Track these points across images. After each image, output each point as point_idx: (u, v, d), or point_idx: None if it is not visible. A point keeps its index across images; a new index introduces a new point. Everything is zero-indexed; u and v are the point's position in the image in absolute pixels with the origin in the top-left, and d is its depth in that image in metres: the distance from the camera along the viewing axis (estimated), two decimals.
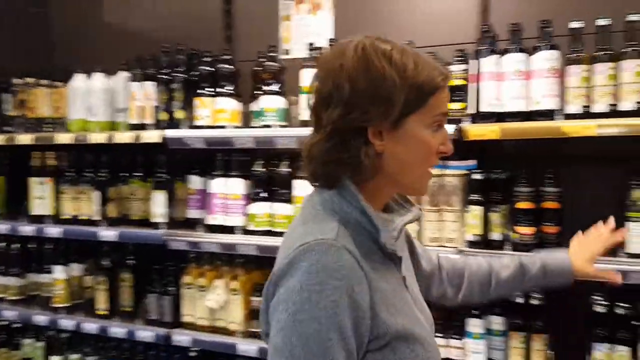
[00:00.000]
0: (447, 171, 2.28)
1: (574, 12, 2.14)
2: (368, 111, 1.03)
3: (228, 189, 2.62)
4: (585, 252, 1.52)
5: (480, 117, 2.15)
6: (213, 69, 2.67)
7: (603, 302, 2.06)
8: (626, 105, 1.97)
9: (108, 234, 2.78)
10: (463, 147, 2.21)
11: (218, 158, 2.68)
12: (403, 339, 1.01)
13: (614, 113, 1.99)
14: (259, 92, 2.62)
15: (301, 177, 2.50)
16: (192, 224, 2.75)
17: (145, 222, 2.80)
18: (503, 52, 2.15)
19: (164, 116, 2.70)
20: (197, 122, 2.65)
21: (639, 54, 1.96)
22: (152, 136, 2.62)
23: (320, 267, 0.95)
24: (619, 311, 2.04)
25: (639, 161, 2.07)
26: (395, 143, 1.07)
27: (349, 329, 0.94)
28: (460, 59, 2.27)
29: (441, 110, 1.09)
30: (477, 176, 2.22)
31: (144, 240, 2.73)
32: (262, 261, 2.72)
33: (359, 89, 1.03)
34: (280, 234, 2.53)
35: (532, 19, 2.14)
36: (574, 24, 2.05)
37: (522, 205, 2.13)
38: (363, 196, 1.07)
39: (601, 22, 2.02)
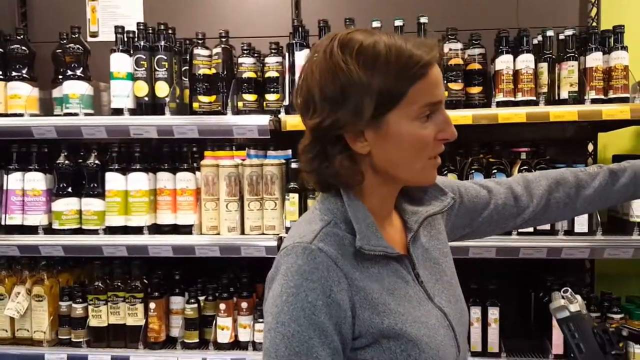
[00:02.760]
0: (266, 161, 2.33)
1: (375, 11, 2.33)
2: (338, 118, 0.97)
3: (26, 184, 2.36)
4: None
5: (294, 108, 2.23)
6: (3, 50, 2.36)
7: None
8: None
9: None
10: (280, 137, 2.28)
11: (13, 150, 2.39)
12: (393, 338, 0.97)
13: None
14: (61, 77, 2.39)
15: (113, 169, 2.35)
16: None
17: None
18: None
19: None
20: None
21: None
22: None
23: (295, 270, 0.96)
24: None
25: None
26: (381, 142, 0.99)
27: (330, 328, 0.94)
28: (275, 51, 2.33)
29: (429, 100, 0.98)
30: (294, 165, 2.30)
31: None
32: (69, 263, 2.51)
33: (328, 95, 0.97)
34: (91, 232, 2.35)
35: (339, 17, 2.27)
36: (375, 23, 2.23)
37: None
38: (364, 195, 1.04)
39: (397, 22, 2.23)
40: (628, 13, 2.53)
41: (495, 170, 2.21)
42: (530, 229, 2.16)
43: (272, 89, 2.30)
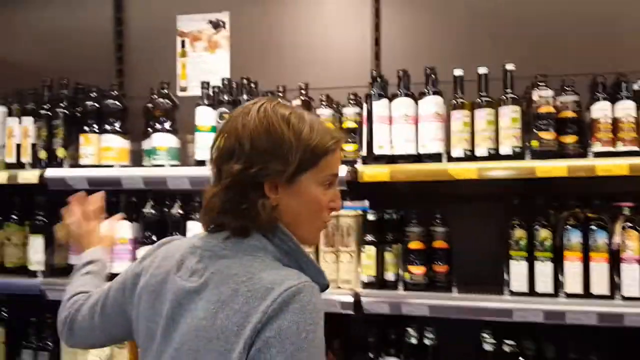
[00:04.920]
0: (342, 212, 2.27)
1: (457, 60, 2.25)
2: (266, 167, 1.13)
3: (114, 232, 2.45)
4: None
5: (371, 159, 2.18)
6: (99, 105, 2.53)
7: (491, 340, 2.12)
8: (504, 149, 2.07)
9: None
10: (356, 188, 2.23)
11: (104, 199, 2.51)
12: None
13: (494, 156, 2.09)
14: (151, 130, 2.51)
15: (195, 219, 2.40)
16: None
17: (22, 270, 2.56)
18: (393, 97, 2.21)
19: (43, 154, 2.50)
20: (82, 161, 2.48)
21: (514, 100, 2.09)
22: (29, 176, 2.41)
23: (312, 307, 1.04)
24: (506, 348, 2.10)
25: (519, 201, 2.18)
26: (289, 197, 1.16)
27: None
28: (353, 102, 2.31)
29: (332, 171, 1.21)
30: (371, 217, 2.23)
31: (19, 290, 2.48)
32: None
33: (259, 147, 1.13)
34: None
35: (419, 66, 2.22)
36: (457, 72, 2.15)
37: (413, 245, 2.17)
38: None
39: (481, 70, 2.14)
40: None
41: (595, 227, 2.00)
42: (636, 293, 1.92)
43: (349, 140, 2.27)
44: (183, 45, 2.92)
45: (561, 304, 1.99)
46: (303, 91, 2.38)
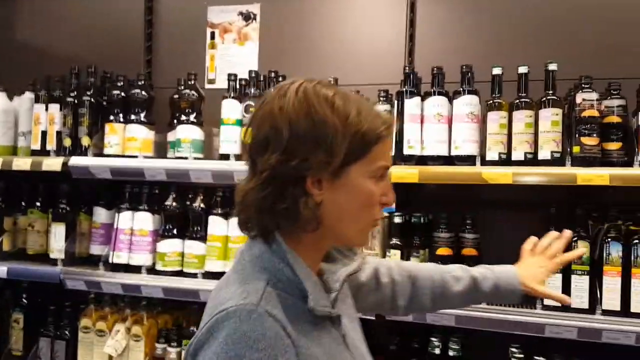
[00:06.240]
0: None
1: (496, 58, 2.14)
2: (308, 159, 0.95)
3: (135, 223, 2.42)
4: (537, 271, 1.40)
5: (400, 159, 2.09)
6: (125, 94, 2.50)
7: (520, 355, 2.01)
8: (543, 154, 1.95)
9: None
10: None
11: (126, 190, 2.48)
12: None
13: (531, 161, 1.97)
14: (176, 121, 2.46)
15: (216, 214, 2.35)
16: (95, 261, 2.50)
17: (43, 258, 2.55)
18: (425, 95, 2.11)
19: (68, 142, 2.49)
20: (106, 150, 2.45)
21: (556, 102, 1.97)
22: (53, 163, 2.40)
23: (237, 337, 0.87)
24: None
25: (556, 210, 2.05)
26: (335, 193, 0.98)
27: None
28: (384, 99, 2.22)
29: (384, 161, 1.03)
30: (398, 219, 2.14)
31: (37, 277, 2.47)
32: (169, 304, 2.51)
33: (299, 134, 0.95)
34: (191, 275, 2.35)
35: (454, 64, 2.12)
36: (495, 70, 2.04)
37: (441, 251, 2.07)
38: (300, 250, 1.00)
39: (521, 69, 2.02)
40: None
41: (637, 241, 1.87)
42: None
43: None
44: (212, 37, 2.87)
45: (597, 322, 1.87)
46: None
